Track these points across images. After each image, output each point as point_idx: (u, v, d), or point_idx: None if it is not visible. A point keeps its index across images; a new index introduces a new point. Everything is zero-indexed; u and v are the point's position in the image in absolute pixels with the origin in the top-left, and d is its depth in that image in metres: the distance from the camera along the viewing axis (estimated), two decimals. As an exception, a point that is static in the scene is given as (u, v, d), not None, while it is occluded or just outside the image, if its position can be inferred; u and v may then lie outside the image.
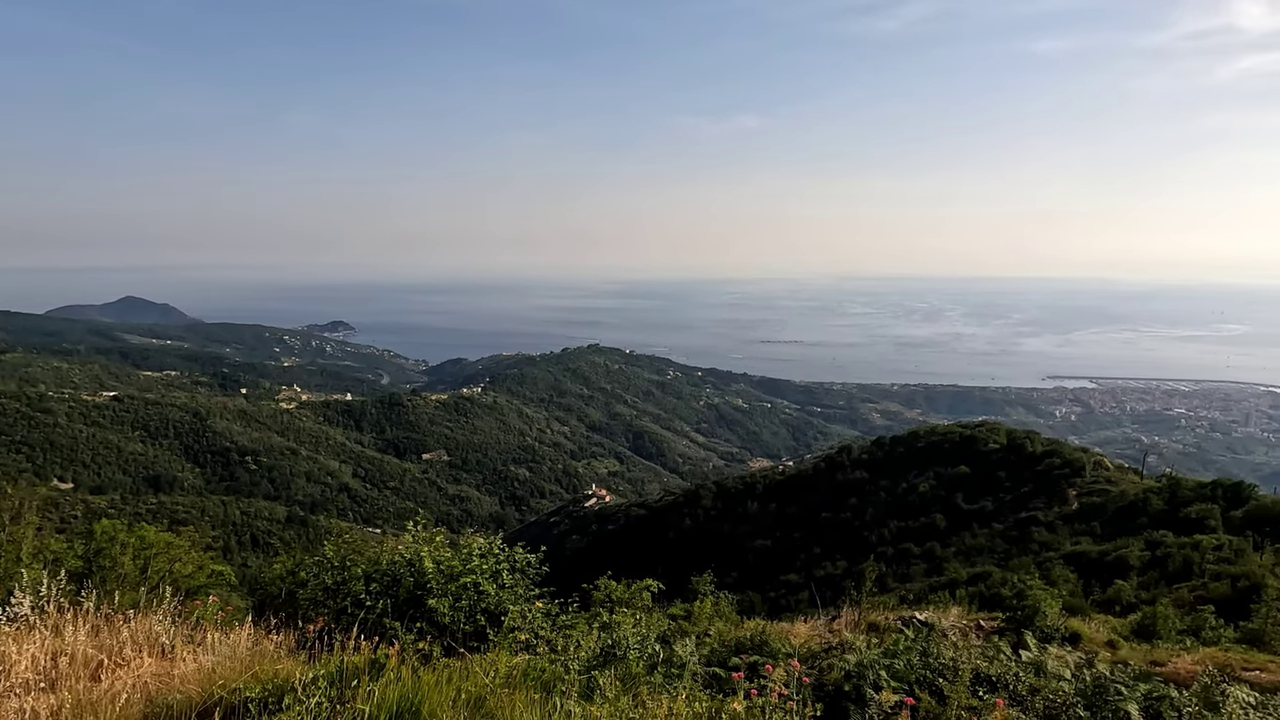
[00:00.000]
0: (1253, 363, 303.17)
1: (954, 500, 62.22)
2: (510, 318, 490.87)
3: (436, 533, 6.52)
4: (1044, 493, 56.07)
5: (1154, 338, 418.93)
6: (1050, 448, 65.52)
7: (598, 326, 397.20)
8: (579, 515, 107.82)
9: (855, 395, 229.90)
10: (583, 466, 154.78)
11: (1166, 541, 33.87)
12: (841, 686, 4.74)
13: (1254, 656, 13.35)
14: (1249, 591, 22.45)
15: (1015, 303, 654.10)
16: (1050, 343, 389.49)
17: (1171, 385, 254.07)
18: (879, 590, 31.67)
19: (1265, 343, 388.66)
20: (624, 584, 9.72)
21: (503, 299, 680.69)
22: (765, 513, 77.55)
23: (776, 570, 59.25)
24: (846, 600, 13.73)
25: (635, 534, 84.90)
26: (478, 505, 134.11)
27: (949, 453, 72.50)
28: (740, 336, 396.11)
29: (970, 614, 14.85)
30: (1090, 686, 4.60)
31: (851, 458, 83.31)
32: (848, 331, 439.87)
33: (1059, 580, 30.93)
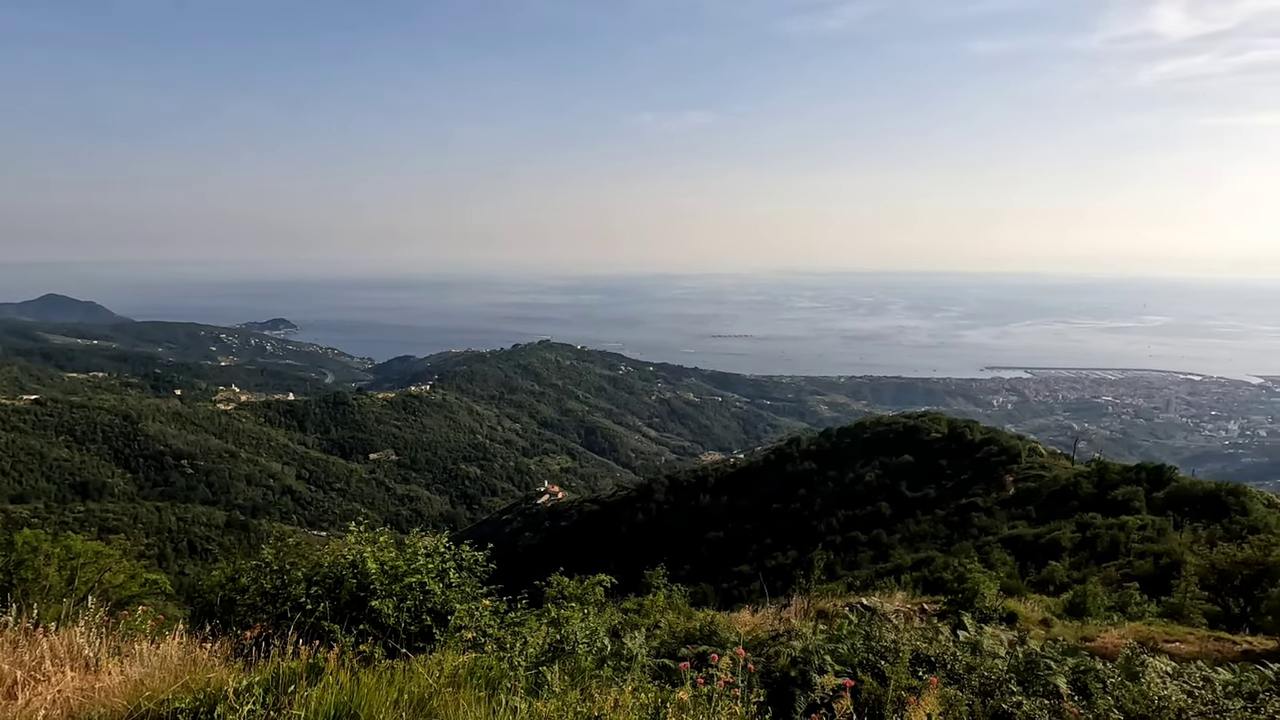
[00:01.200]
0: (1172, 352, 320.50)
1: (899, 488, 64.03)
2: (459, 314, 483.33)
3: (380, 533, 6.37)
4: (983, 479, 58.16)
5: (1083, 329, 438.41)
6: (988, 436, 67.98)
7: (549, 322, 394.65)
8: (531, 512, 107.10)
9: (804, 388, 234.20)
10: (535, 463, 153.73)
11: (1096, 523, 35.53)
12: (788, 672, 4.82)
13: (1174, 629, 14.13)
14: (1170, 568, 23.73)
15: (955, 296, 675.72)
16: (988, 335, 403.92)
17: (1100, 374, 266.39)
18: (828, 578, 32.38)
19: (1183, 333, 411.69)
20: (577, 580, 9.68)
21: (451, 295, 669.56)
22: (717, 505, 78.39)
23: (729, 561, 59.99)
24: (796, 589, 13.98)
25: (589, 529, 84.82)
26: (428, 505, 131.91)
27: (893, 443, 74.54)
28: (691, 331, 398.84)
29: (914, 598, 15.31)
30: (1022, 662, 4.80)
31: (800, 449, 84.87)
32: (796, 325, 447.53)
33: (997, 563, 32.20)
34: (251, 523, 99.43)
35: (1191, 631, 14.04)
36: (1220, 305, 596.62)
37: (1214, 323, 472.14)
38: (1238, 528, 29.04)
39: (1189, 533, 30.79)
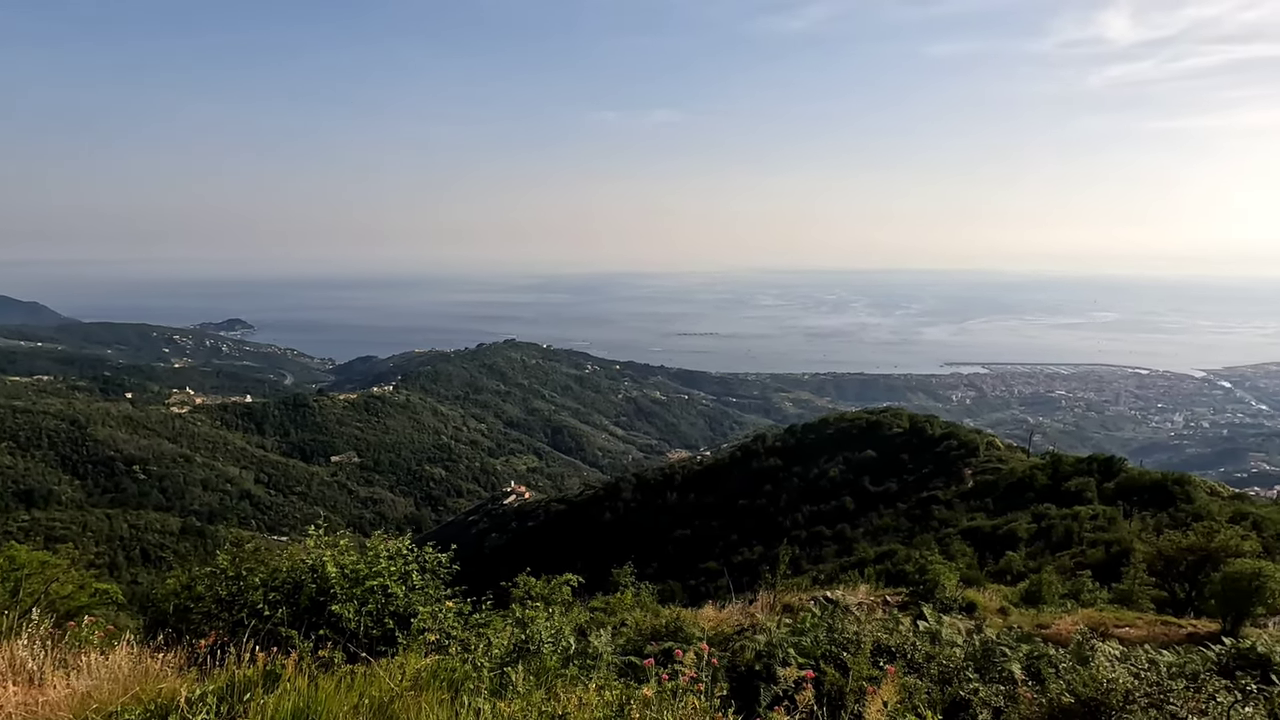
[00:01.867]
0: (1121, 347, 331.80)
1: (862, 483, 65.07)
2: (422, 313, 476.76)
3: (341, 536, 6.25)
4: (943, 473, 59.42)
5: (1037, 325, 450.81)
6: (948, 431, 69.50)
7: (514, 321, 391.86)
8: (498, 513, 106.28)
9: (769, 385, 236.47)
10: (501, 464, 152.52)
11: (1050, 514, 36.59)
12: (753, 666, 4.87)
13: (1124, 614, 14.66)
14: (1120, 556, 24.56)
15: (915, 294, 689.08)
16: (947, 331, 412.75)
17: (1053, 369, 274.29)
18: (793, 572, 32.79)
19: (1131, 328, 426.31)
20: (544, 580, 9.63)
21: (414, 294, 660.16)
22: (684, 503, 78.73)
23: (696, 558, 60.30)
24: (762, 584, 14.12)
25: (556, 529, 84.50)
26: (391, 507, 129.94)
27: (857, 438, 75.73)
28: (658, 329, 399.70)
29: (878, 590, 15.60)
30: (979, 650, 4.92)
31: (766, 446, 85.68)
32: (761, 323, 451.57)
33: (957, 554, 32.96)
34: (208, 529, 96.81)
35: (1140, 616, 14.57)
36: (1165, 301, 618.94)
37: (1159, 318, 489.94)
38: (1183, 515, 30.19)
39: (1138, 521, 31.91)
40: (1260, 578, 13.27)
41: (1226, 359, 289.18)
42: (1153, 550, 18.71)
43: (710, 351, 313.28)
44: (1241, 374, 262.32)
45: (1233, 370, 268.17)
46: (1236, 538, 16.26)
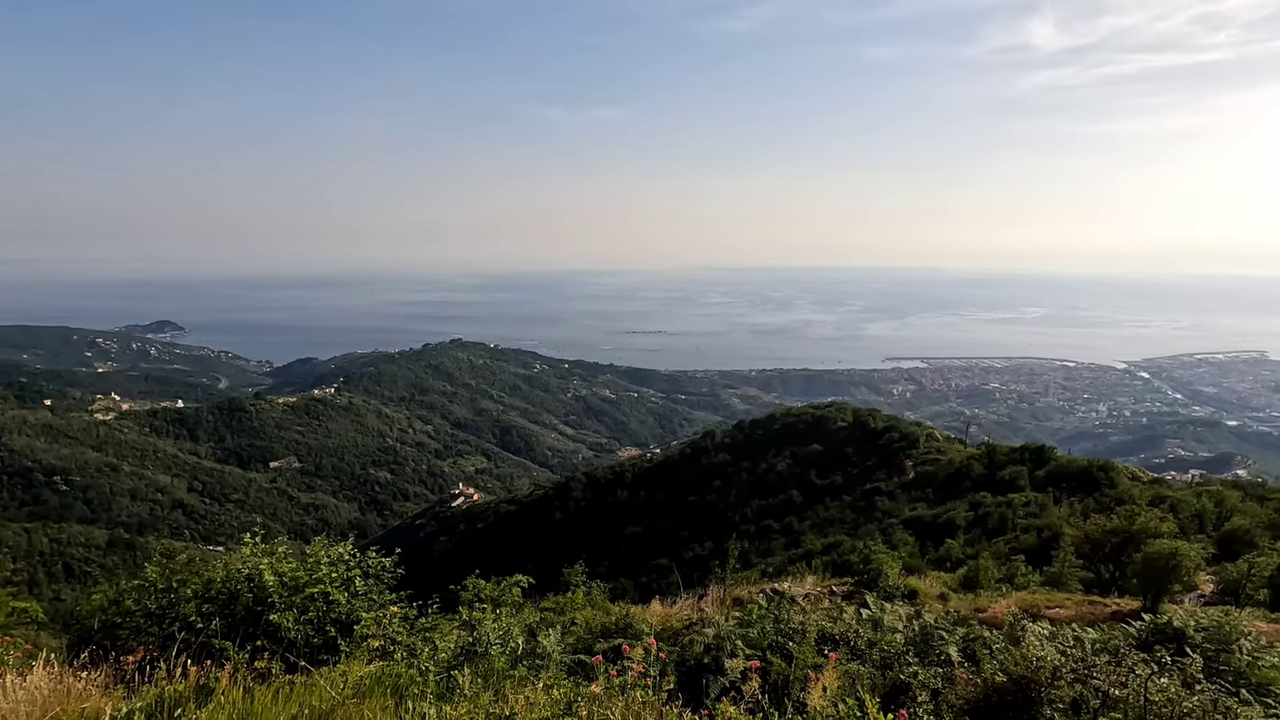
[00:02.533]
0: (1050, 340, 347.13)
1: (808, 476, 66.40)
2: (364, 313, 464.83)
3: (279, 543, 6.04)
4: (886, 465, 61.13)
5: (973, 320, 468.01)
6: (890, 424, 71.51)
7: (460, 321, 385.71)
8: (446, 516, 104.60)
9: (717, 382, 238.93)
10: (449, 465, 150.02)
11: (986, 502, 38.01)
12: (702, 659, 4.92)
13: (1054, 596, 15.36)
14: (1051, 540, 25.71)
15: (857, 291, 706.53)
16: (888, 327, 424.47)
17: (988, 363, 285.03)
18: (742, 566, 33.24)
19: (1059, 323, 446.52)
20: (494, 582, 9.53)
21: (355, 294, 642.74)
22: (635, 500, 78.95)
23: (648, 555, 60.53)
24: (713, 579, 14.28)
25: (506, 530, 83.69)
26: (335, 513, 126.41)
27: (803, 433, 77.25)
28: (606, 328, 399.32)
29: (824, 581, 15.95)
30: (919, 635, 5.10)
31: (715, 442, 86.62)
32: (709, 320, 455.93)
33: (900, 543, 33.94)
34: (138, 541, 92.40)
35: (1069, 597, 15.29)
36: (1088, 297, 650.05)
37: (1084, 313, 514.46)
38: (1107, 500, 31.76)
39: (1066, 507, 33.44)
40: (1176, 557, 14.10)
41: (1145, 351, 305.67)
42: (1080, 534, 19.67)
43: (659, 349, 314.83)
44: (1159, 365, 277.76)
45: (1151, 362, 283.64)
46: (1155, 520, 17.22)
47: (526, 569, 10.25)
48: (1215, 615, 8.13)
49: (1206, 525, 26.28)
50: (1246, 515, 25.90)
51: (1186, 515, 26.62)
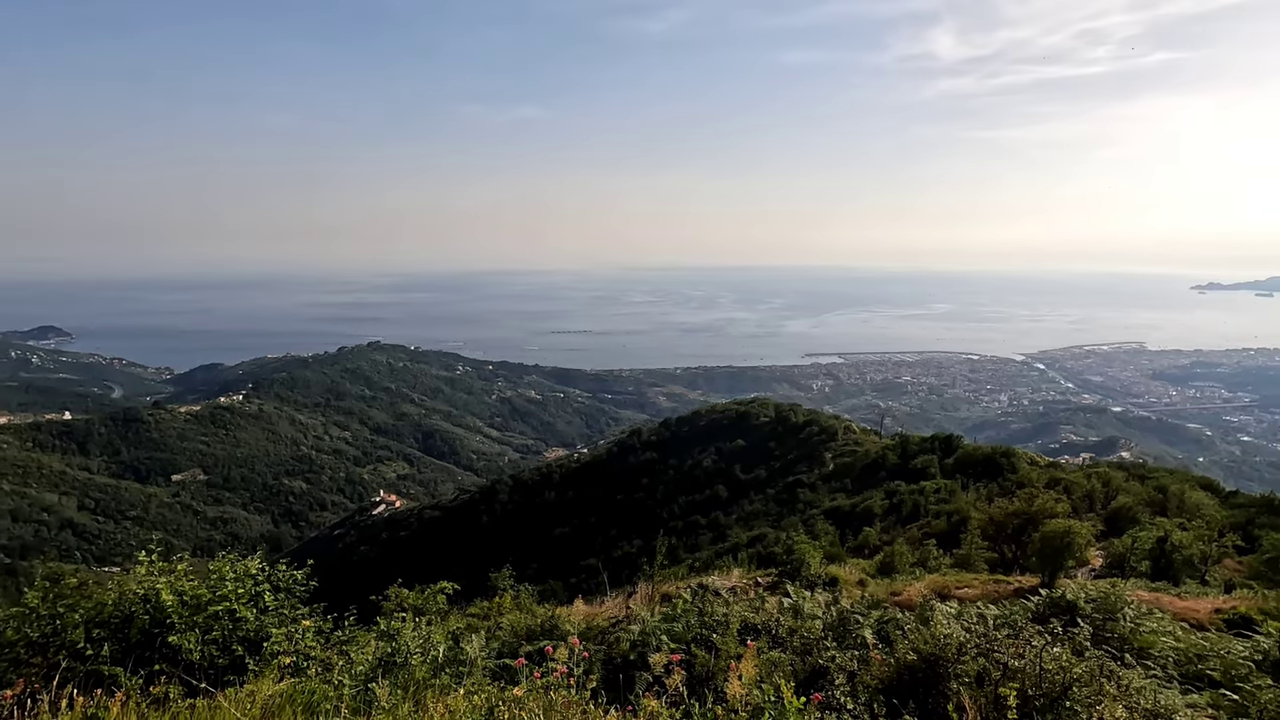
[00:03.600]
0: (956, 335, 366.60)
1: (734, 471, 67.67)
2: (274, 316, 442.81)
3: (179, 560, 5.67)
4: (807, 457, 62.97)
5: (885, 317, 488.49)
6: (810, 418, 73.74)
7: (378, 323, 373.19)
8: (367, 524, 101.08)
9: (643, 380, 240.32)
10: (368, 472, 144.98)
11: (900, 490, 39.69)
12: (628, 655, 4.94)
13: (963, 577, 16.20)
14: (960, 524, 27.14)
15: (777, 289, 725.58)
16: (807, 324, 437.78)
17: (900, 357, 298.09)
18: (671, 562, 33.59)
19: (963, 318, 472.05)
20: (418, 590, 9.28)
21: (263, 296, 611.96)
22: (563, 501, 78.50)
23: (577, 555, 60.26)
24: (641, 576, 14.35)
25: (431, 537, 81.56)
26: (245, 526, 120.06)
27: (727, 428, 78.66)
28: (531, 328, 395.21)
29: (750, 573, 16.30)
30: (836, 620, 5.29)
31: (642, 440, 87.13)
32: (633, 319, 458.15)
33: (821, 533, 35.05)
34: (21, 565, 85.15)
35: (976, 577, 16.17)
36: (988, 294, 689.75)
37: (984, 309, 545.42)
38: (1009, 484, 33.75)
39: (973, 492, 35.34)
40: (1070, 535, 15.14)
41: (1040, 344, 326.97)
42: (986, 517, 20.85)
43: (584, 349, 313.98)
44: (1052, 357, 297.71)
45: (1045, 354, 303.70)
46: (1051, 501, 18.44)
47: (453, 575, 10.02)
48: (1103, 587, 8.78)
49: (1096, 504, 28.37)
50: (1130, 494, 28.12)
51: (1079, 496, 28.66)
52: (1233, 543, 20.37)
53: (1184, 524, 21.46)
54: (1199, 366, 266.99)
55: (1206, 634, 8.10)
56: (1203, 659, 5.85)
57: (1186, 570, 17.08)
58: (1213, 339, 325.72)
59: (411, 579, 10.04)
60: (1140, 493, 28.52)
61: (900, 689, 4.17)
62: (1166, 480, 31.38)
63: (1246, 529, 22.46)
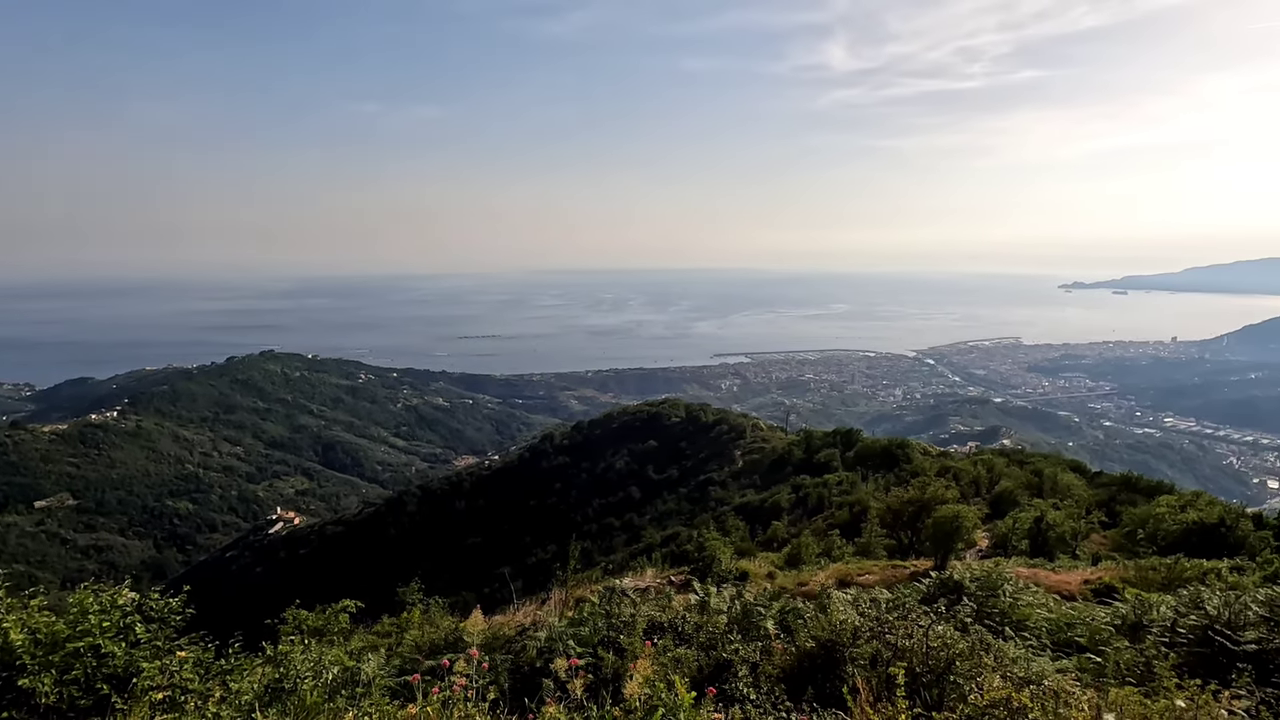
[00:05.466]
0: (853, 333, 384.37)
1: (646, 472, 68.24)
2: (152, 325, 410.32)
3: (33, 593, 5.11)
4: (717, 455, 64.31)
5: (788, 317, 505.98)
6: (719, 417, 75.37)
7: (271, 330, 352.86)
8: (263, 544, 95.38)
9: (554, 384, 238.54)
10: (263, 489, 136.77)
11: (806, 484, 41.19)
12: (534, 663, 4.87)
13: (864, 564, 16.95)
14: (861, 514, 28.43)
15: (685, 291, 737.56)
16: (714, 325, 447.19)
17: (803, 355, 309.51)
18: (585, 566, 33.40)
19: (860, 317, 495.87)
20: (318, 610, 8.82)
21: (140, 304, 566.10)
22: (475, 509, 76.84)
23: (491, 564, 59.11)
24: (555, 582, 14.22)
25: (334, 554, 77.88)
26: (124, 554, 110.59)
27: (639, 430, 79.21)
28: (436, 333, 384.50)
29: (664, 572, 16.45)
30: (740, 614, 5.41)
31: (554, 444, 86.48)
32: (543, 323, 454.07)
33: (732, 529, 35.86)
34: None
35: (876, 564, 16.97)
36: (883, 294, 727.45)
37: (879, 308, 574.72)
38: (905, 474, 35.64)
39: (872, 483, 37.12)
40: (958, 519, 16.16)
41: (929, 340, 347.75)
42: (884, 506, 21.93)
43: (493, 354, 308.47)
44: (941, 352, 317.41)
45: (935, 350, 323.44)
46: (942, 489, 19.62)
47: (360, 593, 9.61)
48: (987, 566, 9.40)
49: (982, 489, 30.41)
50: (1011, 478, 30.32)
51: (966, 482, 30.64)
52: (1098, 519, 22.33)
53: (1057, 504, 23.33)
54: (1067, 359, 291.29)
55: (1076, 604, 8.82)
56: (1071, 627, 6.35)
57: (1060, 546, 18.57)
58: (1078, 333, 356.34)
59: (313, 599, 9.55)
60: (1020, 477, 30.82)
61: (801, 676, 4.31)
62: (1042, 464, 34.06)
63: (1109, 506, 24.67)
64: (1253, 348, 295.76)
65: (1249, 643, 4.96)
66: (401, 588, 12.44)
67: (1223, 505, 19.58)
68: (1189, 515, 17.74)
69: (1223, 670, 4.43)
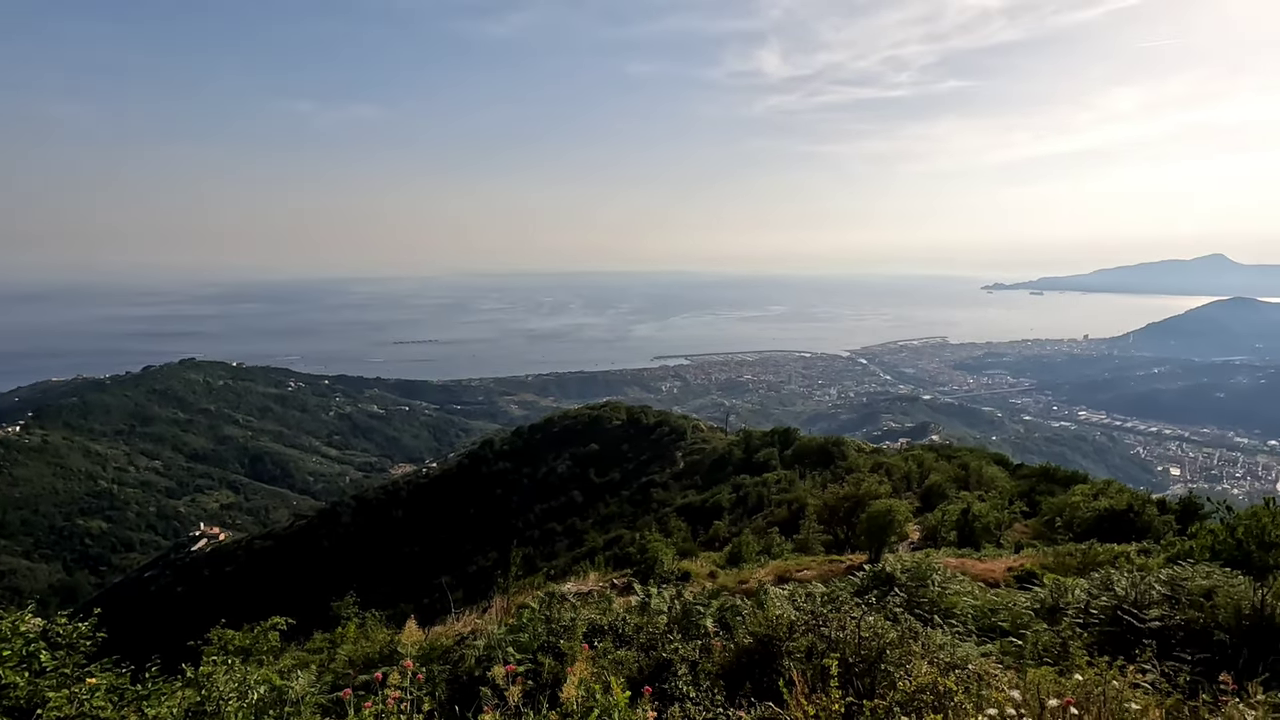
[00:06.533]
0: (790, 334, 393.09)
1: (588, 476, 68.00)
2: (60, 333, 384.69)
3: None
4: (659, 457, 64.64)
5: (726, 319, 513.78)
6: (660, 419, 75.78)
7: (193, 338, 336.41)
8: (185, 562, 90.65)
9: (493, 389, 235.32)
10: (185, 505, 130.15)
11: (746, 483, 41.82)
12: (473, 672, 4.79)
13: (802, 560, 17.32)
14: (799, 511, 29.03)
15: (625, 294, 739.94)
16: (654, 328, 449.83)
17: (741, 357, 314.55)
18: (528, 572, 33.12)
19: (796, 319, 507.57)
20: (246, 629, 8.46)
21: (50, 310, 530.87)
22: (413, 518, 75.05)
23: (430, 574, 57.82)
24: (496, 589, 14.03)
25: (263, 570, 74.70)
26: (29, 578, 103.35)
27: (581, 433, 78.89)
28: (373, 339, 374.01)
29: (606, 575, 16.41)
30: (680, 613, 5.47)
31: (494, 450, 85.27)
32: (483, 327, 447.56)
33: (674, 530, 36.08)
34: None
35: (814, 559, 17.37)
36: (817, 296, 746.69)
37: (815, 310, 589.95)
38: (840, 470, 36.64)
39: (810, 480, 38.01)
40: (891, 514, 16.71)
41: (862, 341, 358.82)
42: (821, 503, 22.50)
43: (432, 359, 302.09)
44: (873, 352, 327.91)
45: (867, 349, 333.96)
46: (875, 484, 20.24)
47: (291, 609, 9.28)
48: (918, 557, 9.74)
49: (913, 483, 31.52)
50: (940, 472, 31.52)
51: (898, 477, 31.70)
52: (1020, 509, 23.44)
53: (982, 496, 24.40)
54: (990, 357, 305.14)
55: (999, 590, 9.24)
56: (995, 613, 6.66)
57: (985, 536, 19.41)
58: (1000, 332, 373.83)
59: (241, 618, 9.17)
60: (948, 471, 32.07)
61: (739, 671, 4.38)
62: (968, 458, 35.54)
63: (1030, 496, 25.93)
64: (1155, 344, 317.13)
65: (1153, 620, 5.31)
66: (336, 602, 12.10)
67: (1131, 492, 20.86)
68: (1101, 503, 18.81)
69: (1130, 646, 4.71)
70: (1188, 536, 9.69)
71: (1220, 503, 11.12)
